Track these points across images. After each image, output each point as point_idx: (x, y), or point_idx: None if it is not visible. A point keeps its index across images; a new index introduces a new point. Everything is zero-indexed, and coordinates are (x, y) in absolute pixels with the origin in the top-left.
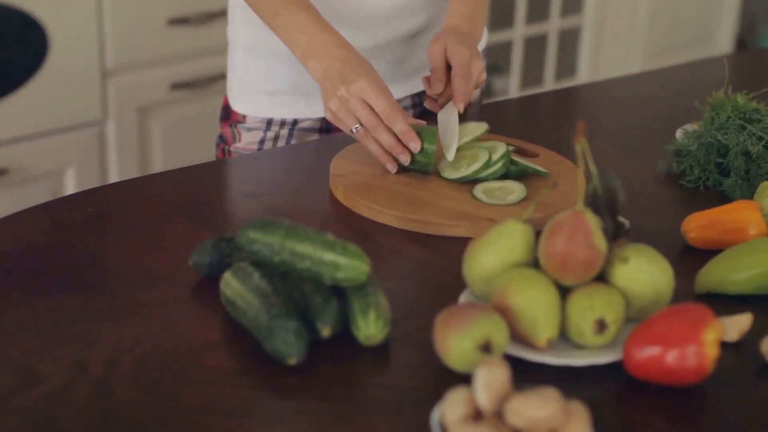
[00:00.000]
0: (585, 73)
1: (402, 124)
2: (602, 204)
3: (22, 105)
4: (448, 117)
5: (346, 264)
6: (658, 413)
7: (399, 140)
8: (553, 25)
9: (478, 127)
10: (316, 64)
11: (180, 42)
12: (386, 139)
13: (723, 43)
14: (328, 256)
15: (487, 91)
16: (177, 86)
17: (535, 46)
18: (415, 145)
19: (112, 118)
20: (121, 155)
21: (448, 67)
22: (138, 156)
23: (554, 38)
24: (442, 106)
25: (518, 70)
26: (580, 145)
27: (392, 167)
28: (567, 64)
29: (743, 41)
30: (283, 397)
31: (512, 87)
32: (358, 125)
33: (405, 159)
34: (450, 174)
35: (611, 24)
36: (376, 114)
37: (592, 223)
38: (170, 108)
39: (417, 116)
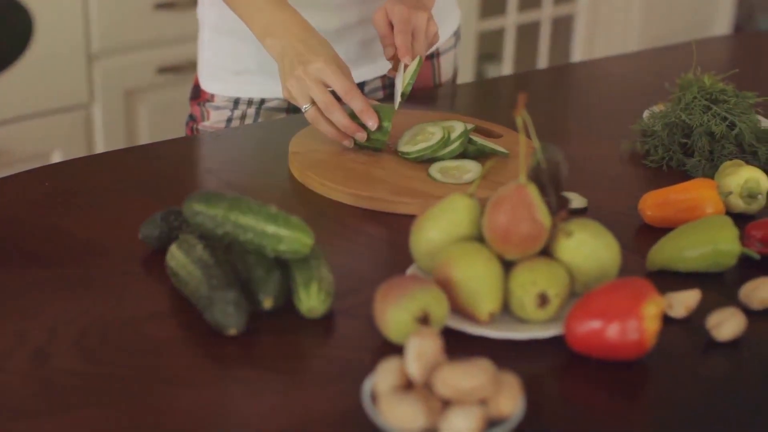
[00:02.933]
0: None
1: (360, 102)
2: (546, 178)
3: (8, 88)
4: (398, 78)
5: (289, 236)
6: (600, 387)
7: (352, 120)
8: (546, 12)
9: (414, 64)
10: (273, 42)
11: (166, 26)
12: (340, 119)
13: (720, 31)
14: (271, 228)
15: (479, 79)
16: (163, 70)
17: (528, 34)
18: (373, 123)
19: (98, 101)
20: (107, 138)
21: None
22: (124, 139)
23: (547, 26)
24: (396, 70)
25: (511, 58)
26: (521, 118)
27: (348, 142)
28: (560, 52)
29: (741, 30)
30: (222, 366)
31: (505, 75)
32: (308, 105)
33: (361, 137)
34: (405, 149)
35: (605, 12)
36: (331, 95)
37: (535, 196)
38: (156, 91)
39: (386, 98)
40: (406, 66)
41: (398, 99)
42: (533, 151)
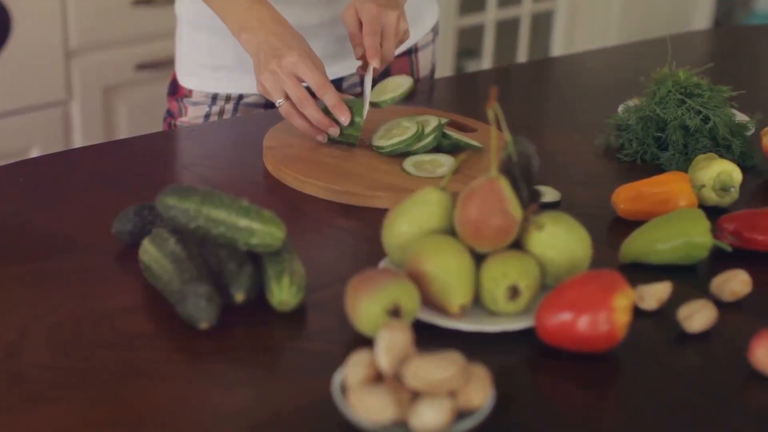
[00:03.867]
0: None
1: (333, 97)
2: (517, 171)
3: None
4: (368, 78)
5: (261, 230)
6: (571, 380)
7: (325, 115)
8: (526, 8)
9: (403, 83)
10: (249, 38)
11: (144, 22)
12: (313, 114)
13: (700, 25)
14: (243, 222)
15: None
16: (142, 66)
17: (507, 30)
18: (345, 118)
19: (76, 98)
20: (86, 135)
21: None
22: (103, 136)
23: (527, 22)
24: (365, 69)
25: (490, 54)
26: (493, 111)
27: (322, 138)
28: (540, 48)
29: (721, 25)
30: (194, 360)
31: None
32: (282, 99)
33: (334, 132)
34: (379, 143)
35: (584, 7)
36: (304, 89)
37: (506, 189)
38: (135, 88)
39: (362, 93)
40: (374, 68)
41: (367, 106)
42: (505, 144)
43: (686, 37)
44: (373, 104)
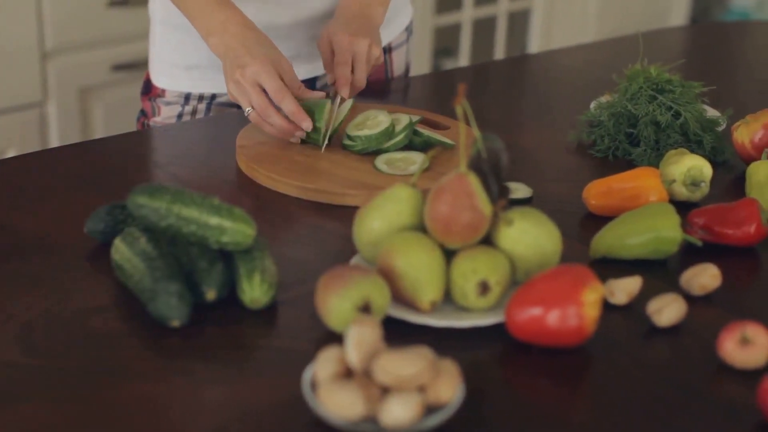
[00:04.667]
0: None
1: (290, 105)
2: (486, 167)
3: None
4: (335, 107)
5: (232, 228)
6: (541, 374)
7: (290, 122)
8: (503, 7)
9: (346, 106)
10: (216, 42)
11: (120, 23)
12: (277, 122)
13: (677, 22)
14: (214, 220)
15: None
16: (118, 67)
17: (484, 29)
18: (307, 125)
19: (52, 99)
20: (62, 136)
21: None
22: (80, 137)
23: (503, 20)
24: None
25: (467, 52)
26: (461, 108)
27: (294, 139)
28: (517, 46)
29: (697, 22)
30: (166, 358)
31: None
32: (250, 108)
33: (300, 135)
34: (349, 132)
35: (562, 5)
36: (268, 97)
37: (476, 185)
38: (111, 89)
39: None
40: (342, 99)
41: (325, 141)
42: (474, 140)
43: (662, 33)
44: (350, 137)
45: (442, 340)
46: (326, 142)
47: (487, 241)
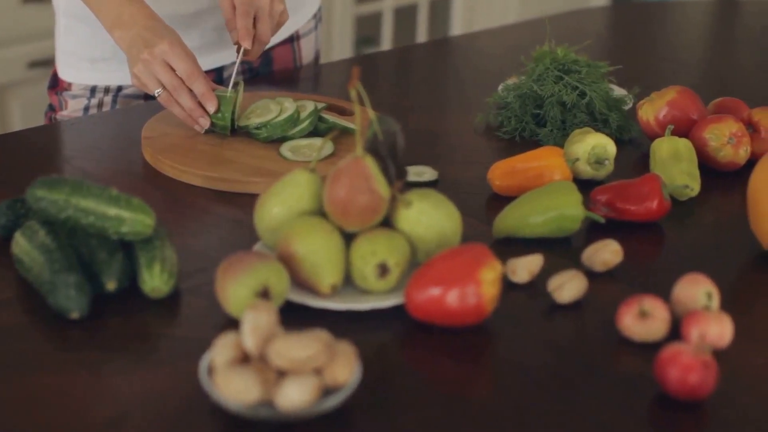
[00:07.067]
0: None
1: (202, 86)
2: (384, 149)
3: None
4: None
5: (131, 218)
6: (443, 354)
7: (199, 104)
8: None
9: (273, 110)
10: (122, 34)
11: (35, 20)
12: (187, 102)
13: (598, 4)
14: (112, 211)
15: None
16: (34, 64)
17: (405, 17)
18: (212, 106)
19: None
20: None
21: None
22: None
23: (425, 7)
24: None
25: (389, 40)
26: (355, 91)
27: (199, 128)
28: (440, 33)
29: (618, 3)
30: (67, 350)
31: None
32: (160, 89)
33: (204, 123)
34: (241, 123)
35: None
36: (179, 77)
37: (372, 168)
38: (28, 86)
39: (247, 82)
40: (246, 50)
41: (230, 89)
42: (369, 123)
43: (582, 14)
44: (241, 127)
45: (343, 324)
46: (230, 128)
47: (387, 223)
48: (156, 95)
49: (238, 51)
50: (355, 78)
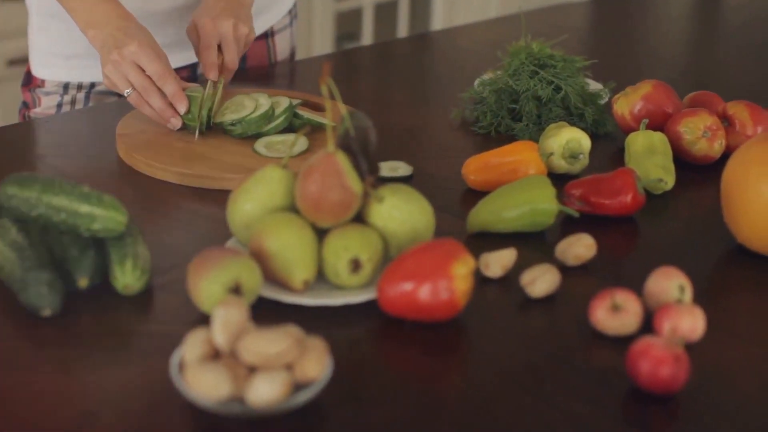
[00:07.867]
0: None
1: (172, 86)
2: (355, 145)
3: None
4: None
5: (102, 215)
6: (416, 349)
7: (170, 105)
8: None
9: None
10: (96, 34)
11: (14, 17)
12: (157, 103)
13: None
14: (84, 208)
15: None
16: (13, 62)
17: (386, 12)
18: (183, 106)
19: None
20: None
21: None
22: None
23: (405, 3)
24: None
25: (370, 36)
26: (326, 86)
27: (172, 125)
28: (421, 29)
29: None
30: (39, 347)
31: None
32: (130, 89)
33: (176, 123)
34: (217, 119)
35: None
36: (149, 77)
37: (344, 164)
38: (7, 84)
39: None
40: (214, 83)
41: (199, 128)
42: (341, 119)
43: (563, 9)
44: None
45: (316, 319)
46: (202, 129)
47: (360, 219)
48: (126, 95)
49: (205, 81)
50: (326, 73)
